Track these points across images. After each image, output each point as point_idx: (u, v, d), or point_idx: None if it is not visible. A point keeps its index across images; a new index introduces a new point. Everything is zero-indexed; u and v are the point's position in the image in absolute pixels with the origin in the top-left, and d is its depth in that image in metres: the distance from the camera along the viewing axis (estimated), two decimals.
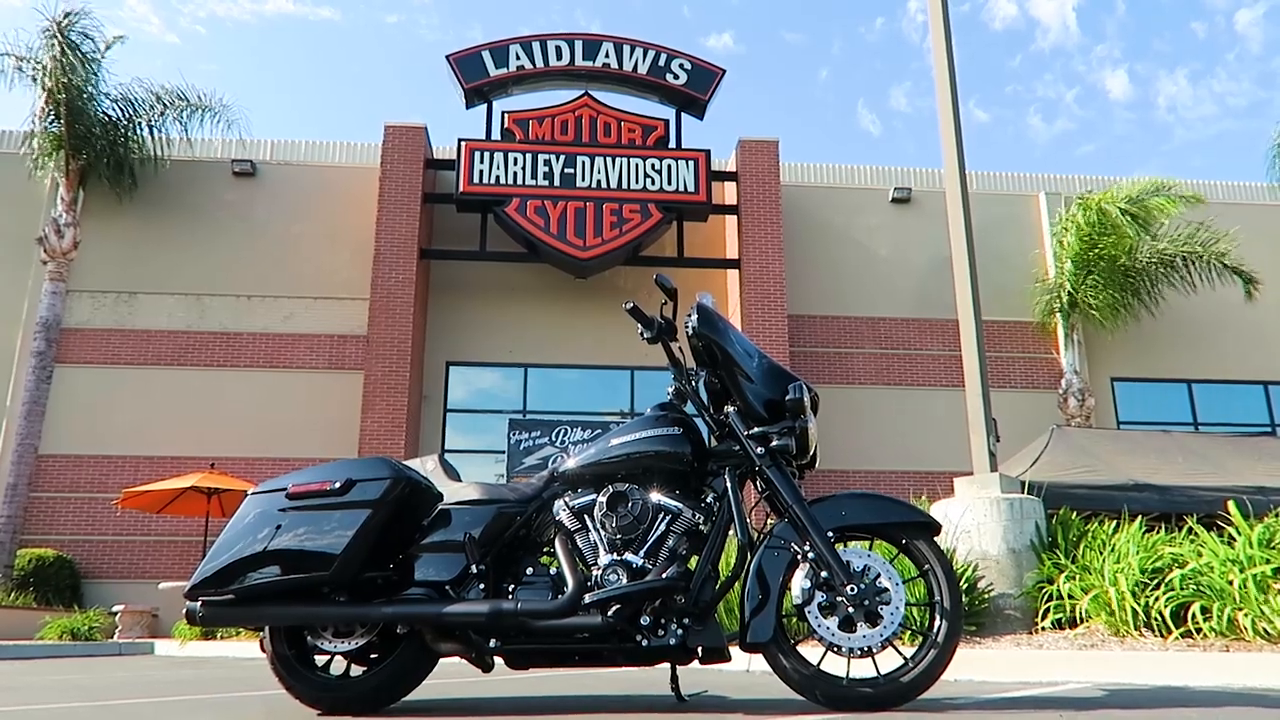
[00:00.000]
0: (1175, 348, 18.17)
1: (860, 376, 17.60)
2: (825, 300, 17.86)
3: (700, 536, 3.08)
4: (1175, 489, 10.33)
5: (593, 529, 3.10)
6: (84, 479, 15.77)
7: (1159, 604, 4.43)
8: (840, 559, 2.94)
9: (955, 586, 2.96)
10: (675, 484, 3.15)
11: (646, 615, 2.92)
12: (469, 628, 3.00)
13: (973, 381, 5.80)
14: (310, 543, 3.02)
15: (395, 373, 15.52)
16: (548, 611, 2.93)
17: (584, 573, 3.04)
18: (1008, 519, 5.29)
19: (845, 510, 3.06)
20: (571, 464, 3.24)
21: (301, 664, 3.18)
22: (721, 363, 3.15)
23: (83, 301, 16.56)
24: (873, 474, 16.85)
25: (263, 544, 3.03)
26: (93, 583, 15.24)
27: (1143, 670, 3.97)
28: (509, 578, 3.16)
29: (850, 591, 2.89)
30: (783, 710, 2.87)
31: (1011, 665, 4.30)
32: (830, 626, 2.91)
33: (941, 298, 17.60)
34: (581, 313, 17.28)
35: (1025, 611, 5.17)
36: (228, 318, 16.75)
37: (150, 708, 3.43)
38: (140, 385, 16.19)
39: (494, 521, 3.17)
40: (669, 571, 2.94)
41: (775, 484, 3.06)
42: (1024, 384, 17.86)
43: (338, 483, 3.08)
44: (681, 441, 3.14)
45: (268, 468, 15.88)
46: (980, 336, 5.86)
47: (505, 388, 17.40)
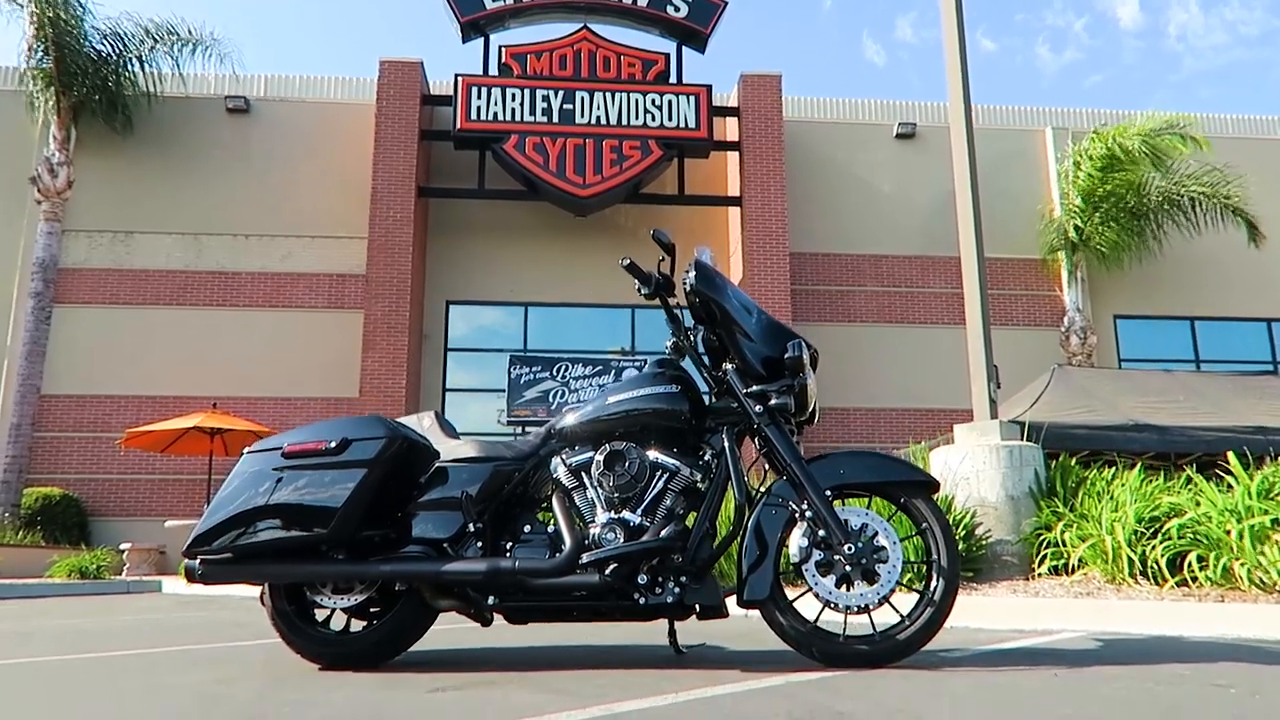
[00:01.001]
0: (1178, 285, 18.06)
1: (862, 314, 17.54)
2: (827, 238, 17.70)
3: (698, 494, 3.07)
4: (1175, 429, 10.36)
5: (590, 486, 3.09)
6: (87, 419, 15.83)
7: (1155, 553, 4.45)
8: (838, 517, 2.93)
9: (953, 545, 2.96)
10: (673, 442, 3.13)
11: (644, 573, 2.93)
12: (467, 585, 3.01)
13: (974, 328, 5.75)
14: (307, 501, 3.01)
15: (395, 312, 15.46)
16: (545, 570, 2.94)
17: (581, 531, 3.03)
18: (1007, 466, 5.29)
19: (844, 468, 3.05)
20: (569, 421, 3.22)
21: (301, 619, 3.20)
22: (720, 321, 3.10)
23: (79, 241, 16.43)
24: (874, 412, 16.92)
25: (259, 502, 3.03)
26: (100, 520, 15.40)
27: (1138, 619, 4.00)
28: (506, 535, 3.16)
29: (848, 550, 2.89)
30: (779, 665, 2.89)
31: (1008, 612, 4.34)
32: (827, 584, 2.92)
33: (945, 235, 17.42)
34: (582, 251, 17.14)
35: (1022, 558, 5.20)
36: (225, 257, 16.64)
37: (153, 659, 3.46)
38: (140, 325, 16.16)
39: (491, 479, 3.16)
40: (666, 530, 2.94)
41: (773, 442, 3.04)
42: (1026, 321, 17.80)
43: (333, 442, 3.06)
44: (679, 399, 3.11)
45: (269, 407, 15.96)
46: (983, 283, 5.79)
47: (506, 325, 17.36)
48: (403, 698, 2.41)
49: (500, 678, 2.76)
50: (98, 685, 2.78)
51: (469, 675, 2.83)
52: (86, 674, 3.06)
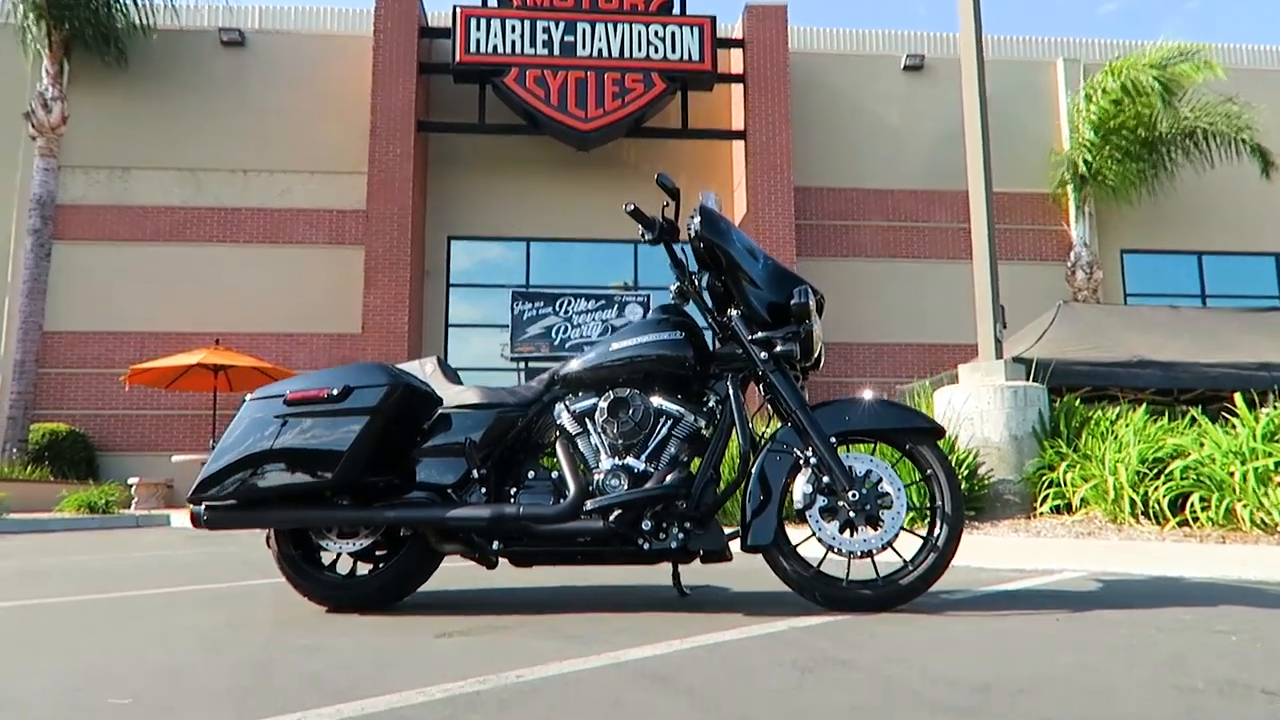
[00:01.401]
0: (1187, 219, 17.89)
1: (866, 249, 17.42)
2: (833, 172, 17.49)
3: (702, 440, 3.06)
4: (1179, 365, 10.35)
5: (594, 433, 3.08)
6: (91, 355, 15.87)
7: (1157, 494, 4.46)
8: (842, 464, 2.92)
9: (957, 492, 2.96)
10: (677, 388, 3.11)
11: (648, 519, 2.93)
12: (472, 531, 3.02)
13: (981, 267, 5.68)
14: (311, 448, 3.01)
15: (396, 248, 15.36)
16: (549, 516, 2.94)
17: (585, 477, 3.03)
18: (1011, 406, 5.28)
19: (848, 415, 3.03)
20: (572, 367, 3.20)
21: (308, 563, 3.22)
22: (725, 268, 3.06)
23: (76, 177, 16.28)
24: (877, 347, 16.92)
25: (263, 448, 3.02)
26: (107, 455, 15.54)
27: (1139, 560, 4.02)
28: (510, 480, 3.16)
29: (852, 497, 2.89)
30: (782, 609, 2.91)
31: (1009, 552, 4.37)
32: (831, 530, 2.93)
33: (951, 169, 17.19)
34: (583, 186, 16.97)
35: (1024, 497, 5.22)
36: (224, 193, 16.50)
37: (162, 601, 3.50)
38: (140, 262, 16.10)
39: (494, 425, 3.16)
40: (670, 477, 2.93)
41: (778, 389, 3.02)
42: (1032, 256, 17.68)
43: (335, 389, 3.04)
44: (683, 345, 3.08)
45: (272, 343, 15.98)
46: (991, 222, 5.71)
47: (508, 260, 17.27)
48: (410, 643, 2.43)
49: (507, 622, 2.79)
50: (107, 628, 2.81)
51: (475, 619, 2.85)
52: (96, 616, 3.10)
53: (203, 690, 1.94)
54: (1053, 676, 1.92)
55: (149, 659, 2.28)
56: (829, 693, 1.81)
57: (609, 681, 1.94)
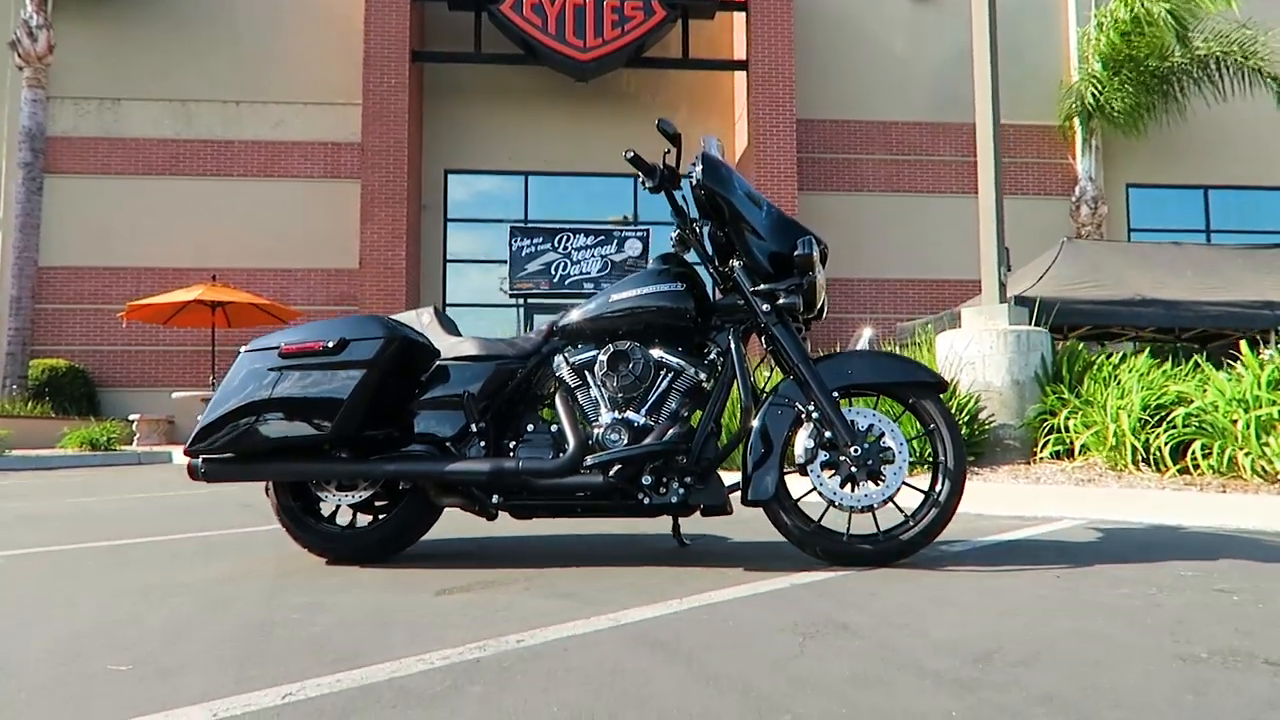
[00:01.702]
0: (1195, 152, 17.63)
1: (869, 183, 17.20)
2: (836, 103, 17.17)
3: (703, 393, 3.03)
4: (1182, 304, 10.29)
5: (593, 385, 3.05)
6: (87, 290, 15.78)
7: (1159, 441, 4.44)
8: (844, 419, 2.89)
9: (960, 447, 2.93)
10: (678, 339, 3.07)
11: (648, 474, 2.91)
12: (471, 485, 3.01)
13: (987, 209, 5.58)
14: (307, 402, 2.98)
15: (393, 181, 15.14)
16: (549, 470, 2.92)
17: (585, 430, 3.01)
18: (1013, 351, 5.24)
19: (851, 369, 2.99)
20: (572, 318, 3.15)
21: (307, 514, 3.22)
22: (728, 218, 2.99)
23: (65, 109, 15.99)
24: (878, 283, 16.82)
25: (259, 399, 2.99)
26: (107, 391, 15.57)
27: (1138, 508, 4.03)
28: (509, 433, 3.13)
29: (854, 452, 2.86)
30: (782, 564, 2.92)
31: (1010, 499, 4.37)
32: (832, 484, 2.91)
33: (956, 100, 16.91)
34: (582, 118, 16.69)
35: (1025, 442, 5.21)
36: (217, 125, 16.22)
37: (161, 551, 3.51)
38: (134, 196, 15.90)
39: (492, 378, 3.12)
40: (671, 432, 2.91)
41: (780, 342, 2.98)
42: (1036, 190, 17.46)
43: (331, 342, 3.00)
44: (684, 297, 3.03)
45: (269, 279, 15.88)
46: (998, 162, 5.59)
47: (506, 194, 17.06)
48: (410, 602, 2.43)
49: (506, 576, 2.79)
50: (106, 582, 2.81)
51: (475, 573, 2.85)
52: (95, 567, 3.10)
53: (201, 655, 1.93)
54: (1053, 644, 1.91)
55: (147, 619, 2.28)
56: (829, 662, 1.80)
57: (608, 648, 1.93)
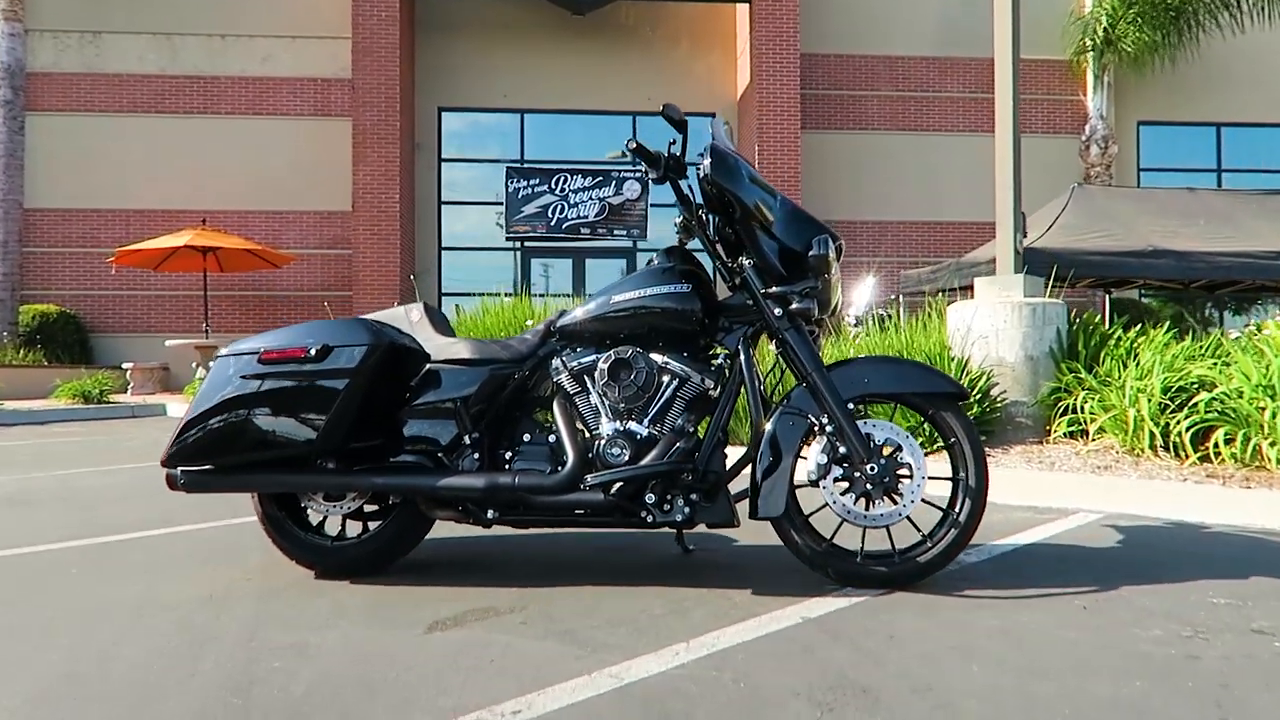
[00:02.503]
0: (1208, 88, 17.17)
1: (874, 121, 16.75)
2: (841, 37, 16.64)
3: (709, 401, 2.85)
4: (1194, 255, 10.07)
5: (594, 392, 2.87)
6: (75, 233, 15.47)
7: (1179, 426, 4.28)
8: (860, 434, 2.72)
9: (982, 462, 2.76)
10: (682, 343, 2.89)
11: (651, 492, 2.75)
12: (464, 501, 2.85)
13: (1004, 170, 5.33)
14: (289, 414, 2.81)
15: (385, 120, 14.73)
16: (547, 487, 2.76)
17: (585, 441, 2.84)
18: (1028, 325, 5.05)
19: (868, 377, 2.81)
20: (571, 319, 2.96)
21: (294, 523, 3.07)
22: (739, 217, 2.77)
23: (45, 43, 15.48)
24: (882, 225, 16.50)
25: (237, 413, 2.82)
26: (100, 337, 15.37)
27: (1158, 502, 3.88)
28: (505, 441, 2.97)
29: (870, 469, 2.70)
30: (792, 585, 2.78)
31: (1022, 486, 4.23)
32: (846, 501, 2.75)
33: (965, 32, 16.43)
34: (580, 53, 16.19)
35: (1037, 420, 5.05)
36: (202, 60, 15.72)
37: (140, 558, 3.37)
38: (119, 135, 15.50)
39: (486, 383, 2.94)
40: (676, 447, 2.74)
41: (793, 348, 2.79)
42: (1045, 128, 17.03)
43: (314, 349, 2.81)
44: (690, 298, 2.83)
45: (260, 222, 15.57)
46: (1016, 123, 5.32)
47: (502, 133, 16.63)
48: (399, 644, 2.29)
49: (501, 600, 2.65)
50: (85, 599, 2.67)
51: (468, 595, 2.71)
52: (78, 576, 2.95)
53: None
54: None
55: (117, 666, 2.13)
56: None
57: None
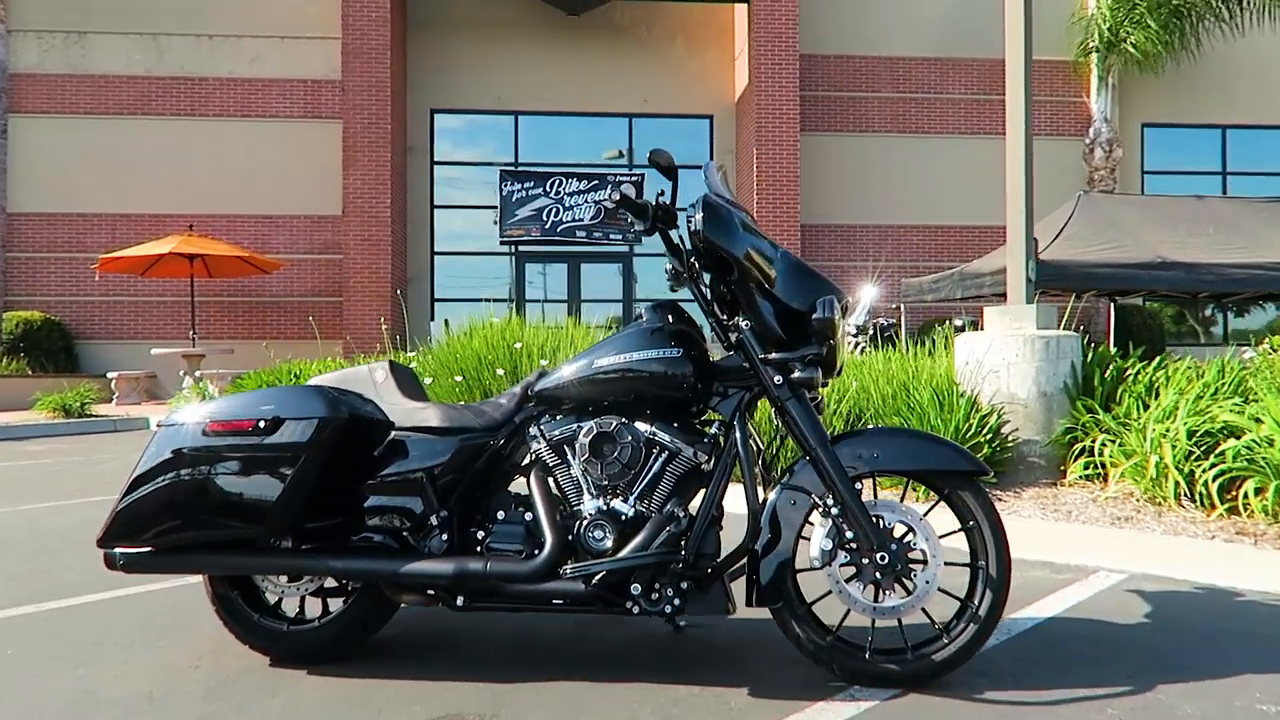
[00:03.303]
0: (1213, 90, 16.90)
1: (874, 123, 16.46)
2: (840, 37, 16.35)
3: (702, 474, 2.58)
4: (1203, 267, 9.81)
5: (574, 464, 2.60)
6: (61, 238, 15.18)
7: (1206, 475, 4.02)
8: (869, 515, 2.45)
9: (1004, 548, 2.50)
10: (673, 411, 2.61)
11: (638, 582, 2.49)
12: (431, 588, 2.58)
13: (1015, 196, 5.06)
14: (235, 493, 2.54)
15: (376, 123, 14.43)
16: (521, 575, 2.49)
17: (564, 520, 2.57)
18: (1041, 359, 4.78)
19: (878, 452, 2.54)
20: (550, 382, 2.68)
21: (249, 603, 2.80)
22: (736, 279, 2.50)
23: (28, 43, 15.17)
24: (881, 229, 16.23)
25: (179, 491, 2.55)
26: (86, 344, 15.09)
27: (1185, 561, 3.62)
28: (477, 518, 2.70)
29: (880, 558, 2.43)
30: (795, 684, 2.52)
31: (1038, 538, 3.96)
32: (853, 591, 2.49)
33: (968, 33, 16.17)
34: (575, 54, 15.90)
35: (1050, 459, 4.79)
36: (190, 60, 15.41)
37: (89, 628, 3.10)
38: (105, 137, 15.19)
39: (456, 455, 2.66)
40: (665, 532, 2.46)
41: (796, 420, 2.52)
42: (1048, 130, 16.73)
43: (263, 420, 2.54)
44: (681, 363, 2.56)
45: (249, 226, 15.29)
46: (1029, 144, 5.04)
47: (495, 135, 16.33)
48: None
49: (468, 705, 2.38)
50: (9, 705, 2.40)
51: (433, 695, 2.44)
52: (13, 658, 2.68)
53: None
54: None
55: None
56: None
57: None
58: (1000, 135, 16.87)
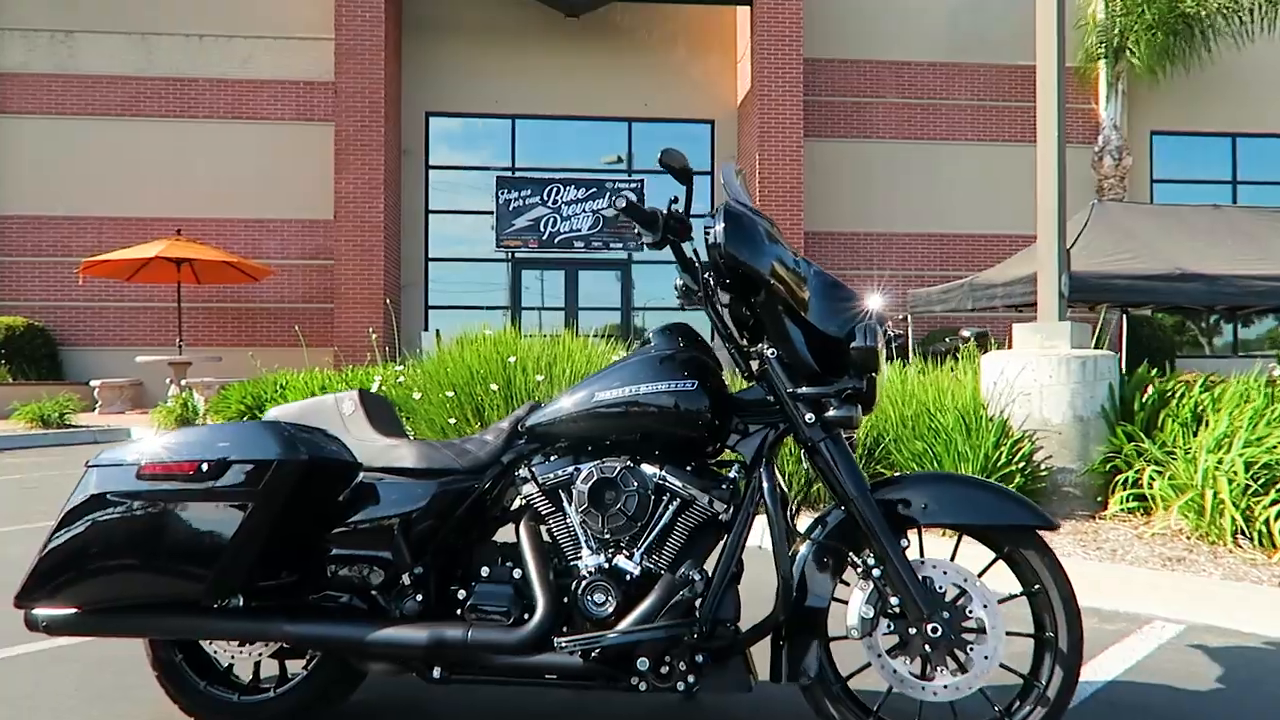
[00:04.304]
0: (1224, 97, 16.59)
1: (879, 129, 16.11)
2: (846, 41, 16.01)
3: (718, 526, 2.21)
4: (1224, 279, 9.46)
5: (572, 513, 2.23)
6: (46, 242, 14.80)
7: (1267, 512, 3.65)
8: (917, 579, 2.08)
9: (1075, 616, 2.14)
10: (686, 451, 2.24)
11: (644, 656, 2.11)
12: (403, 660, 2.21)
13: (1047, 201, 4.70)
14: (173, 547, 2.16)
15: (369, 126, 14.06)
16: (508, 645, 2.12)
17: (559, 581, 2.20)
18: (1078, 381, 4.41)
19: (927, 503, 2.16)
20: (544, 417, 2.30)
21: (195, 668, 2.43)
22: (762, 301, 2.13)
23: (14, 42, 14.79)
24: (887, 237, 15.88)
25: (109, 546, 2.18)
26: (71, 350, 14.71)
27: (1249, 611, 3.25)
28: (457, 574, 2.32)
29: (931, 631, 2.06)
30: None
31: (1083, 581, 3.53)
32: (898, 669, 2.12)
33: (974, 37, 15.87)
34: (574, 57, 15.55)
35: (1088, 490, 4.42)
36: (180, 61, 15.05)
37: (19, 689, 2.72)
38: (93, 139, 14.82)
39: (435, 501, 2.28)
40: (679, 597, 2.09)
41: (832, 465, 2.14)
42: None
43: (206, 464, 2.16)
44: (696, 397, 2.18)
45: (239, 231, 14.94)
46: (1062, 155, 4.69)
47: (492, 140, 15.97)
48: None
49: None
50: None
51: None
52: None
53: None
54: None
55: None
56: None
57: None
58: (1008, 141, 16.62)
